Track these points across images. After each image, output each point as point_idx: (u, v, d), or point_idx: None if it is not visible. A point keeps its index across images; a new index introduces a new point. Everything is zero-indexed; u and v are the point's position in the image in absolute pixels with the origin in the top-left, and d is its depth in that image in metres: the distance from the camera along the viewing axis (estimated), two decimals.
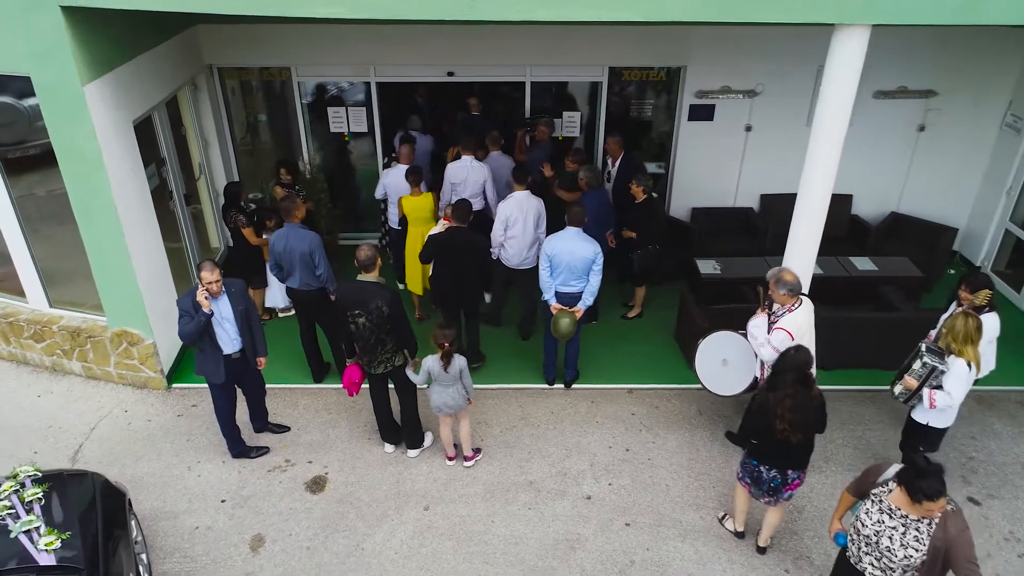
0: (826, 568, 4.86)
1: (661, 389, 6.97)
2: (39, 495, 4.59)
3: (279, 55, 8.30)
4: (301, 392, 6.91)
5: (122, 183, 6.11)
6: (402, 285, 8.23)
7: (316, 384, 7.00)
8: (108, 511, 4.68)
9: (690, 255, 8.15)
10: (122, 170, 6.12)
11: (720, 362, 5.98)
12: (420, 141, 8.31)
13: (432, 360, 5.53)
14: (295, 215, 6.29)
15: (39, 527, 4.35)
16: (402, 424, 6.14)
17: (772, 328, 5.30)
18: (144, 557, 5.04)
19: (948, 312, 5.77)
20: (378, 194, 7.99)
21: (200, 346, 5.49)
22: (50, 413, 6.68)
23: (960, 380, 5.03)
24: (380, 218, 8.49)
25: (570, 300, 6.42)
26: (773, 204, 8.96)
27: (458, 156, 7.74)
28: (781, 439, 4.52)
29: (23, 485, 4.66)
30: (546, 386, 6.98)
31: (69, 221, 6.26)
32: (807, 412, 4.49)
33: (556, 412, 6.69)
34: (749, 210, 9.10)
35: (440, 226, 6.79)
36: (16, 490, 4.61)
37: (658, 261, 7.63)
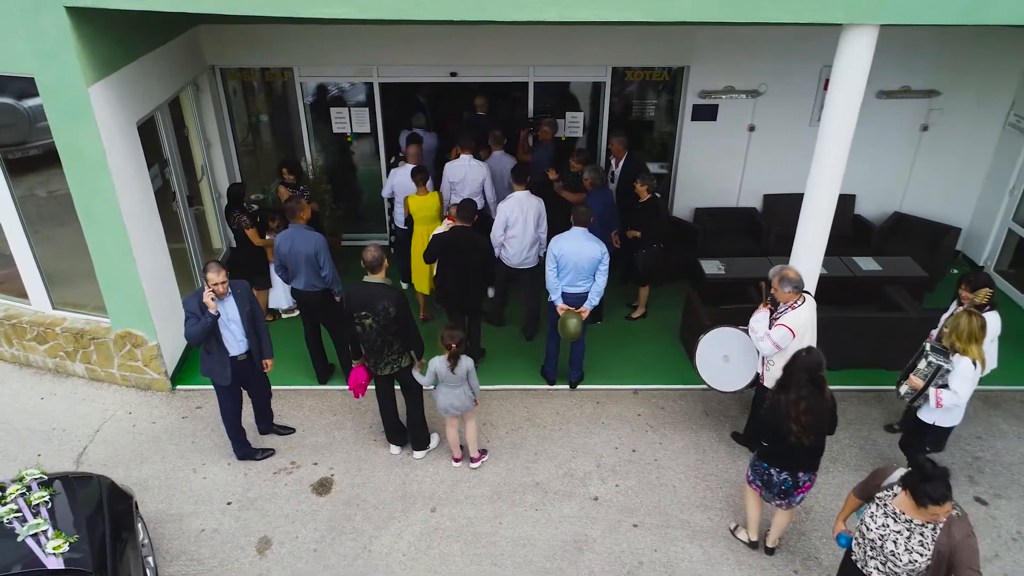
0: (834, 569, 4.83)
1: (666, 390, 6.96)
2: (46, 498, 4.57)
3: (281, 56, 8.27)
4: (306, 394, 6.89)
5: (126, 184, 6.08)
6: (406, 284, 8.23)
7: (321, 386, 6.98)
8: (115, 514, 4.66)
9: (693, 255, 8.15)
10: (126, 171, 6.09)
11: (721, 358, 5.98)
12: (424, 139, 8.29)
13: (439, 361, 5.51)
14: (300, 216, 6.26)
15: (46, 530, 4.33)
16: (408, 425, 6.12)
17: (774, 324, 5.30)
18: (151, 560, 5.02)
19: (949, 311, 5.78)
20: (385, 193, 7.99)
21: (206, 348, 5.46)
22: (53, 415, 6.65)
23: (966, 379, 5.03)
24: (388, 218, 8.46)
25: (576, 300, 6.41)
26: (776, 204, 8.97)
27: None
28: (793, 441, 4.51)
29: (29, 488, 4.64)
30: (551, 387, 6.96)
31: (70, 222, 6.23)
32: (820, 415, 4.47)
33: (562, 413, 6.68)
34: (752, 210, 9.10)
35: (444, 225, 6.78)
36: (22, 493, 4.59)
37: (662, 261, 7.63)
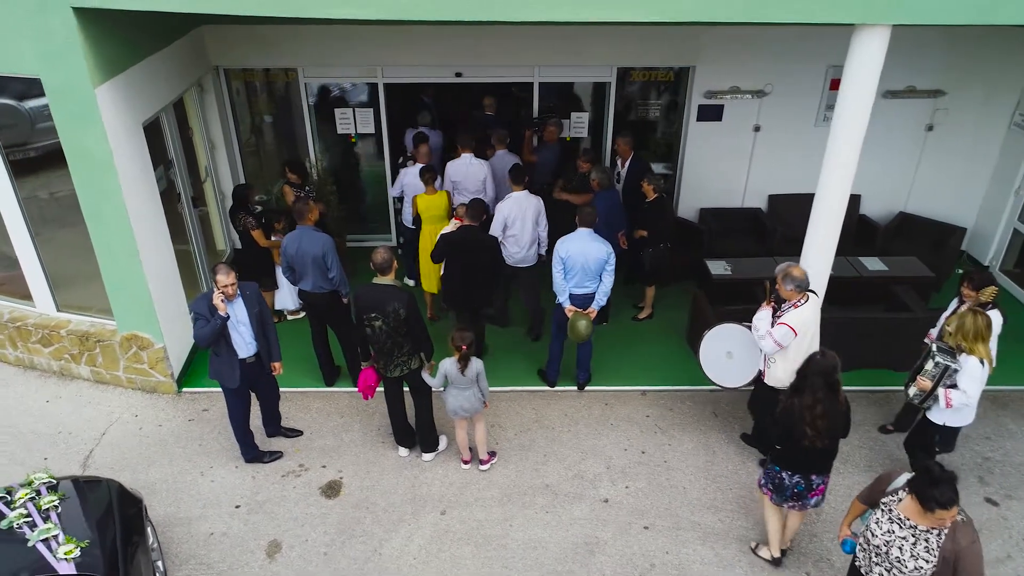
0: (846, 570, 4.82)
1: (674, 391, 6.94)
2: (55, 502, 4.53)
3: (286, 56, 8.23)
4: (313, 396, 6.86)
5: (132, 185, 6.04)
6: (411, 282, 8.22)
7: (327, 388, 6.95)
8: (125, 518, 4.62)
9: (698, 256, 8.13)
10: (132, 172, 6.06)
11: (725, 354, 5.99)
12: (430, 137, 8.27)
13: (449, 363, 5.49)
14: (308, 218, 6.23)
15: (57, 535, 4.29)
16: (417, 427, 6.09)
17: (776, 323, 5.28)
18: (160, 564, 4.98)
19: (949, 310, 5.78)
20: (395, 192, 7.99)
21: (215, 350, 5.43)
22: (59, 418, 6.61)
23: (975, 378, 5.03)
24: (393, 219, 8.44)
25: (583, 301, 6.39)
26: (781, 204, 8.96)
27: None
28: (807, 445, 4.48)
29: (38, 492, 4.61)
30: (559, 388, 6.94)
31: (71, 224, 6.19)
32: (835, 418, 4.45)
33: (570, 414, 6.65)
34: (757, 210, 9.08)
35: (452, 225, 6.76)
36: (32, 497, 4.55)
37: (669, 260, 7.62)
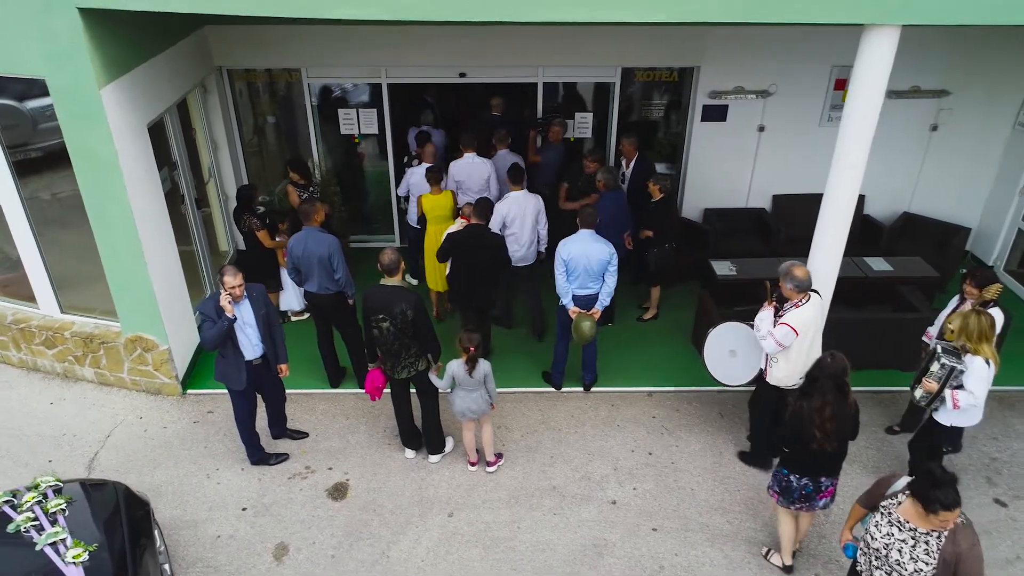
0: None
1: (681, 392, 6.93)
2: (62, 506, 4.51)
3: (289, 57, 8.20)
4: (318, 397, 6.83)
5: (137, 186, 6.02)
6: (415, 281, 8.22)
7: (333, 389, 6.93)
8: (133, 520, 4.60)
9: (703, 256, 8.12)
10: (137, 173, 6.03)
11: (728, 353, 6.00)
12: (433, 135, 8.27)
13: (457, 364, 5.46)
14: (315, 219, 6.21)
15: (65, 539, 4.27)
16: (423, 429, 6.07)
17: (777, 323, 5.27)
18: (168, 567, 4.96)
19: (949, 308, 5.76)
20: (401, 192, 8.01)
21: (222, 352, 5.41)
22: (63, 421, 6.58)
23: (981, 378, 5.01)
24: (397, 219, 8.43)
25: (587, 302, 6.38)
26: (786, 205, 8.95)
27: None
28: (815, 448, 4.46)
29: (45, 496, 4.58)
30: (566, 389, 6.93)
31: (72, 225, 6.16)
32: (844, 421, 4.43)
33: (576, 416, 6.64)
34: (761, 211, 9.07)
35: (458, 224, 6.74)
36: (39, 501, 4.53)
37: (674, 260, 7.61)
